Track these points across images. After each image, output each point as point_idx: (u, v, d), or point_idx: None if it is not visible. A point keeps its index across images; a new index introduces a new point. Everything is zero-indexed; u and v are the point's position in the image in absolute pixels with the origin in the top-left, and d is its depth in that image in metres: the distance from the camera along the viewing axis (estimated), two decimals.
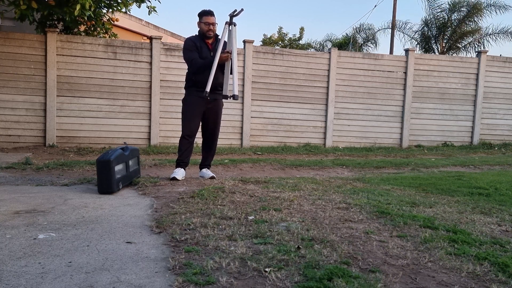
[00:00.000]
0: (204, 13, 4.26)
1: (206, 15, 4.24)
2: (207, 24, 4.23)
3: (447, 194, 3.90)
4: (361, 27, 19.08)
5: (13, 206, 3.00)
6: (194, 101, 4.28)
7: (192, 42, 4.29)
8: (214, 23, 4.25)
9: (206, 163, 4.58)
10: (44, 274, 1.79)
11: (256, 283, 1.74)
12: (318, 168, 5.98)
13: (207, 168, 4.57)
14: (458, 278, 1.87)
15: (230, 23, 4.12)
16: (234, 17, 4.11)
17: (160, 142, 8.16)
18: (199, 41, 4.29)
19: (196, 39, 4.31)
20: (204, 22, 4.24)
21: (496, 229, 2.68)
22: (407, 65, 9.24)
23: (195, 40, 4.31)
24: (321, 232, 2.42)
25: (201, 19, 4.28)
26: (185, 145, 4.37)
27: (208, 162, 4.59)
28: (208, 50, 4.29)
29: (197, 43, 4.28)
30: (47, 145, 7.57)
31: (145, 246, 2.19)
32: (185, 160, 4.39)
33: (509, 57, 9.94)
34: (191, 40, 4.32)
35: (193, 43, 4.29)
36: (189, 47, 4.29)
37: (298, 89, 8.79)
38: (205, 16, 4.24)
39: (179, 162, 4.39)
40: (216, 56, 4.05)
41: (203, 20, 4.26)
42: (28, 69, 7.53)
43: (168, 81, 8.16)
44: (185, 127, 4.35)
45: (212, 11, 4.28)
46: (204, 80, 4.09)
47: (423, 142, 9.46)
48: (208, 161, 4.60)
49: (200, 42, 4.28)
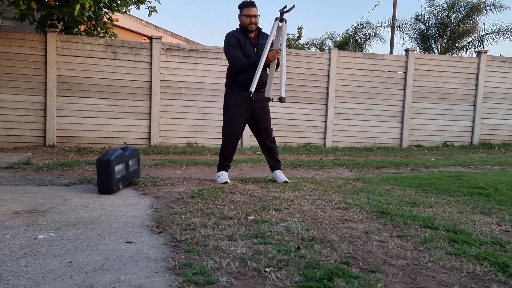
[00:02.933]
0: (245, 4, 3.91)
1: (247, 6, 3.89)
2: (248, 16, 3.88)
3: (447, 194, 3.90)
4: (361, 25, 19.06)
5: (13, 206, 3.00)
6: (237, 102, 3.97)
7: (235, 38, 3.93)
8: (256, 15, 3.90)
9: (273, 164, 4.28)
10: (44, 274, 1.79)
11: (256, 283, 1.74)
12: (318, 168, 5.98)
13: (278, 169, 4.28)
14: (458, 278, 1.87)
15: (281, 20, 3.74)
16: (284, 13, 3.74)
17: (160, 142, 8.16)
18: (241, 36, 3.95)
19: (238, 34, 3.96)
20: (245, 15, 3.89)
21: (496, 229, 2.68)
22: (407, 65, 9.25)
23: (237, 35, 3.96)
24: (321, 232, 2.42)
25: (241, 11, 3.93)
26: (227, 149, 4.11)
27: (274, 163, 4.27)
28: (251, 45, 3.95)
29: (240, 38, 3.93)
30: (47, 145, 7.58)
31: (145, 246, 2.19)
32: (227, 164, 4.16)
33: (509, 57, 9.94)
34: (233, 35, 3.96)
35: (236, 39, 3.93)
36: (232, 43, 3.93)
37: (298, 89, 8.79)
38: (246, 8, 3.89)
39: (222, 166, 4.14)
40: (263, 55, 3.72)
41: (244, 13, 3.91)
42: (28, 69, 7.53)
43: (168, 81, 8.16)
44: (227, 131, 4.03)
45: (253, 2, 3.91)
46: (247, 79, 3.77)
47: (423, 142, 9.46)
48: (275, 162, 4.27)
49: (243, 37, 3.94)
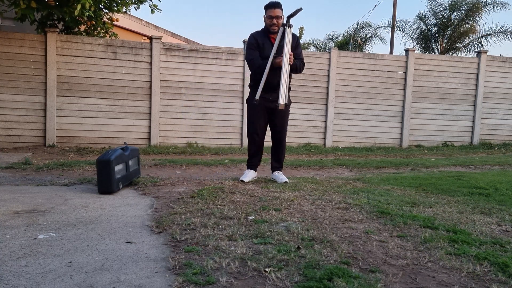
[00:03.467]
0: (268, 5, 3.92)
1: (270, 7, 3.91)
2: (270, 17, 3.91)
3: (447, 194, 3.90)
4: (362, 25, 19.06)
5: (13, 206, 3.00)
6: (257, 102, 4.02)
7: (254, 40, 4.01)
8: (278, 16, 3.89)
9: (275, 165, 4.34)
10: (44, 274, 1.79)
11: (256, 283, 1.74)
12: (318, 168, 5.98)
13: (278, 171, 4.32)
14: (458, 278, 1.87)
15: (286, 25, 3.78)
16: (291, 17, 3.79)
17: (160, 142, 8.16)
18: (262, 37, 4.00)
19: (259, 35, 4.03)
20: (268, 16, 3.93)
21: (496, 229, 2.68)
22: (407, 65, 9.24)
23: (257, 36, 4.02)
24: (321, 232, 2.42)
25: (265, 12, 3.97)
26: (251, 149, 4.22)
27: (276, 164, 4.33)
28: (271, 46, 3.95)
29: (259, 39, 3.99)
30: (47, 145, 7.58)
31: (145, 246, 2.19)
32: (253, 162, 4.26)
33: (509, 57, 9.95)
34: (253, 37, 4.05)
35: (255, 40, 4.00)
36: (250, 45, 4.03)
37: (298, 89, 8.78)
38: (269, 9, 3.91)
39: (249, 164, 4.27)
40: (268, 62, 3.83)
41: (266, 14, 3.95)
42: (28, 69, 7.53)
43: (168, 81, 8.16)
44: (249, 129, 4.17)
45: (278, 3, 3.92)
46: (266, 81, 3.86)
47: (423, 142, 9.46)
48: (278, 164, 4.33)
49: (263, 38, 4.00)
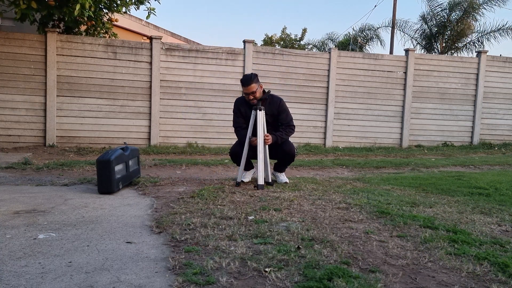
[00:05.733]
0: (242, 83, 4.01)
1: (244, 85, 3.99)
2: (246, 94, 4.02)
3: (447, 194, 3.90)
4: (362, 27, 19.07)
5: (13, 206, 3.00)
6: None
7: (236, 107, 4.18)
8: (253, 92, 3.96)
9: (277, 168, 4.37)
10: (44, 274, 1.79)
11: (256, 283, 1.74)
12: (318, 168, 5.98)
13: (280, 172, 4.37)
14: (458, 278, 1.87)
15: (257, 108, 3.91)
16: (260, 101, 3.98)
17: (160, 142, 8.16)
18: (244, 106, 4.12)
19: (241, 103, 4.15)
20: (244, 93, 4.05)
21: (496, 229, 2.68)
22: (407, 65, 9.24)
23: (240, 104, 4.16)
24: (321, 232, 2.43)
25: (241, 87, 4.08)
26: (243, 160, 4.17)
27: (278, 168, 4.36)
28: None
29: (242, 108, 4.13)
30: (47, 145, 7.58)
31: (145, 246, 2.19)
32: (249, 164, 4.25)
33: (509, 57, 9.94)
34: (237, 104, 4.20)
35: (237, 109, 4.17)
36: (235, 112, 4.21)
37: (298, 89, 8.80)
38: (243, 87, 4.01)
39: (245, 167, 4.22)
40: (246, 142, 3.96)
41: (242, 90, 4.06)
42: (28, 69, 7.53)
43: (168, 81, 8.16)
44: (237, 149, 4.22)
45: (247, 80, 3.96)
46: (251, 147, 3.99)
47: (423, 142, 9.46)
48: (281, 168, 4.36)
49: (245, 107, 4.11)
